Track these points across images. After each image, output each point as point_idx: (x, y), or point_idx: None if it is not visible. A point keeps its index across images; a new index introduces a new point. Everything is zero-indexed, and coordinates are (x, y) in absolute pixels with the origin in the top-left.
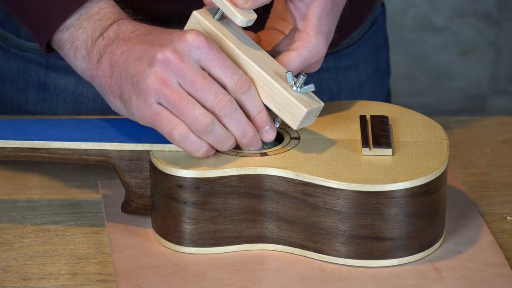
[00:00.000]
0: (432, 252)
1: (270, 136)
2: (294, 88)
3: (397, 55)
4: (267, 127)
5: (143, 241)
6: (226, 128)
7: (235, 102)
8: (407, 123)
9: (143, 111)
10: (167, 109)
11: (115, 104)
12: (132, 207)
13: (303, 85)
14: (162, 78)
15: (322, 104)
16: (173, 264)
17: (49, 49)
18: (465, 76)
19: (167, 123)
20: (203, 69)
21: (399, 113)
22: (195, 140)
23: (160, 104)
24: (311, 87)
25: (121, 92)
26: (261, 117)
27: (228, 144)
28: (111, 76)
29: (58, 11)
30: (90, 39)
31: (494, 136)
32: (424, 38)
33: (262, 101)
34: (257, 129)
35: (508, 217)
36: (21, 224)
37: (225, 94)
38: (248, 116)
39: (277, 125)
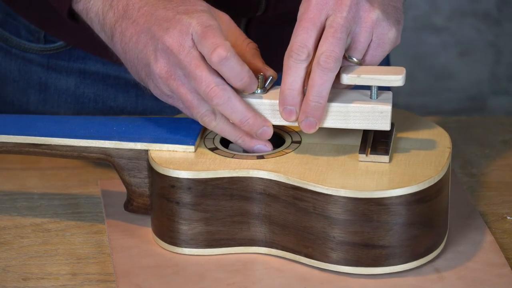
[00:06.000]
0: (427, 262)
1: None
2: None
3: (397, 55)
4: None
5: (143, 241)
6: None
7: (230, 91)
8: (413, 130)
9: (166, 100)
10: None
11: (137, 79)
12: (133, 206)
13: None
14: (167, 71)
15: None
16: (173, 264)
17: (76, 19)
18: (465, 76)
19: (196, 112)
20: (199, 51)
21: (408, 120)
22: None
23: None
24: (273, 80)
25: (139, 77)
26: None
27: (238, 134)
28: (125, 59)
29: None
30: (101, 12)
31: (494, 136)
32: (424, 38)
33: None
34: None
35: (508, 217)
36: (21, 224)
37: (218, 84)
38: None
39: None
